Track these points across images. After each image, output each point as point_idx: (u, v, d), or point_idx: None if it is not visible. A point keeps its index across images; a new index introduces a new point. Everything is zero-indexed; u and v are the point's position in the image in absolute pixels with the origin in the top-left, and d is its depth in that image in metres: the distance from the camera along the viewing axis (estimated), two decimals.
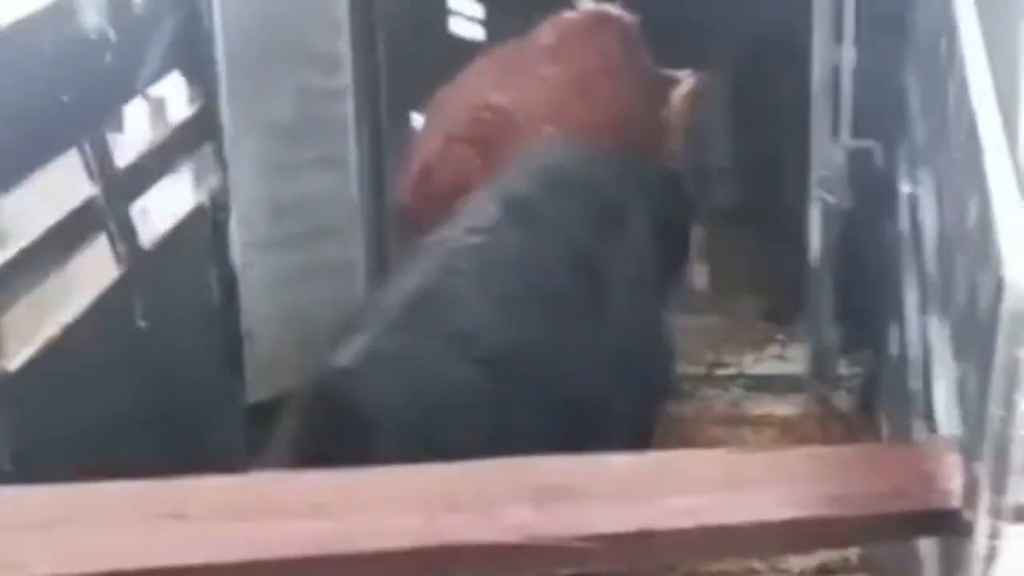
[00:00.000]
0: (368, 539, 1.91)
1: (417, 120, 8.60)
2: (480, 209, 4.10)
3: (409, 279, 3.88)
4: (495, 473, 2.08)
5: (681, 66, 6.04)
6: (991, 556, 1.77)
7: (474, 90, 4.82)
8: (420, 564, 1.94)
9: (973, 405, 1.93)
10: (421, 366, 3.63)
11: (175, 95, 5.00)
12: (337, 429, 3.48)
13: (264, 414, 5.38)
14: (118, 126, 6.37)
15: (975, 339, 1.99)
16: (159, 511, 1.96)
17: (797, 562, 4.40)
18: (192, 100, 4.79)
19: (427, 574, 1.98)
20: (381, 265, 7.35)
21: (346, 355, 3.54)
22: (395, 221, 5.79)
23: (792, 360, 6.29)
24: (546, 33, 5.28)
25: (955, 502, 1.92)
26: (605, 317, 4.17)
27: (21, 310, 3.62)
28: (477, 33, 9.72)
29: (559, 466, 2.12)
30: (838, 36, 5.15)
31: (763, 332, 7.12)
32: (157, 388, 4.29)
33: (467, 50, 9.59)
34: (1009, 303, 1.72)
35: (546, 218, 4.14)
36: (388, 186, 6.98)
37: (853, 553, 4.30)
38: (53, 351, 3.62)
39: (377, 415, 3.50)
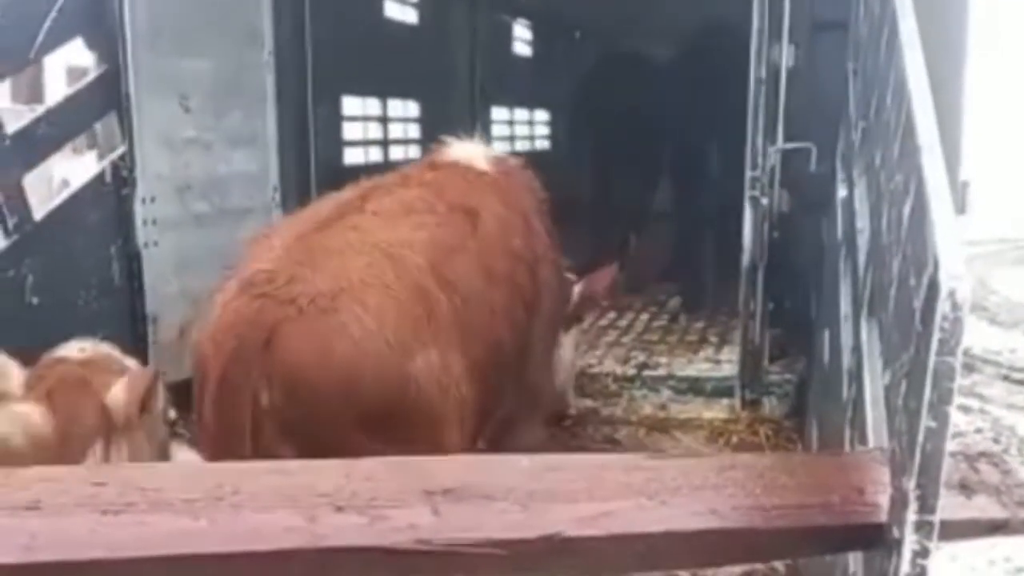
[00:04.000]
0: (241, 540, 1.73)
1: (347, 104, 8.55)
2: None
3: None
4: (388, 472, 1.91)
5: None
6: (918, 575, 1.68)
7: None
8: (299, 568, 1.76)
9: (903, 415, 1.84)
10: None
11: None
12: None
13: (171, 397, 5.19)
14: (37, 96, 6.16)
15: (906, 346, 1.89)
16: (12, 502, 1.77)
17: (722, 569, 4.31)
18: (96, 66, 4.60)
19: None
20: None
21: None
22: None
23: (725, 363, 6.25)
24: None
25: (882, 517, 1.81)
26: None
27: None
28: (411, 17, 9.67)
29: (461, 466, 1.96)
30: (777, 36, 5.08)
31: (697, 334, 7.13)
32: None
33: (401, 33, 9.55)
34: (943, 308, 1.63)
35: None
36: (313, 167, 6.83)
37: (780, 562, 4.23)
38: None
39: None
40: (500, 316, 3.77)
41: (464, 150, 4.31)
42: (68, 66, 5.46)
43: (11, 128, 4.04)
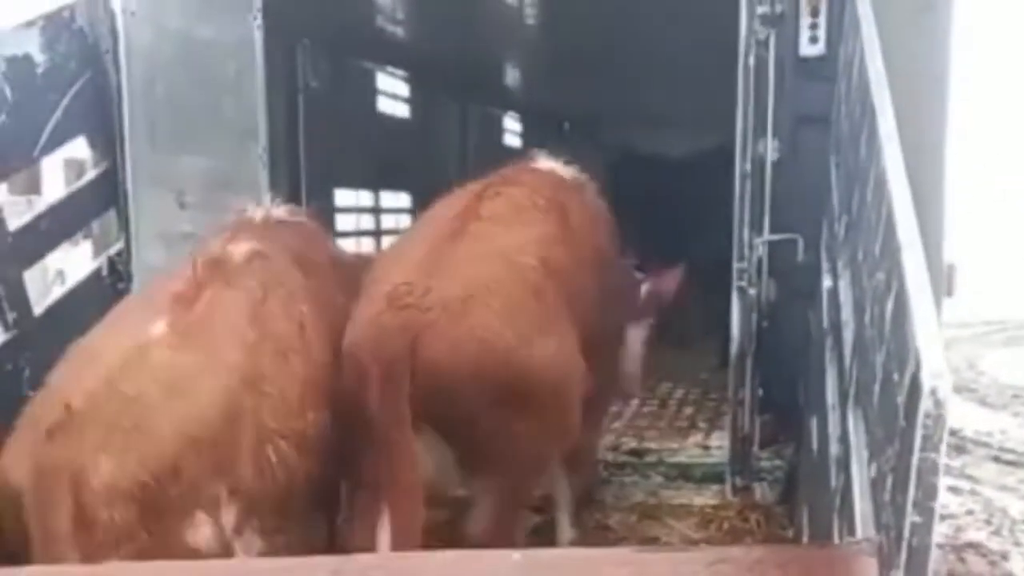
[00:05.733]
0: None
1: (340, 196, 8.67)
2: None
3: None
4: (379, 568, 1.94)
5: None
6: None
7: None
8: None
9: (889, 510, 1.86)
10: None
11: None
12: None
13: None
14: (34, 188, 6.24)
15: (890, 440, 1.92)
16: None
17: None
18: (96, 164, 4.70)
19: None
20: None
21: None
22: None
23: (715, 449, 6.24)
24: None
25: None
26: None
27: None
28: (402, 111, 9.85)
29: (451, 561, 1.98)
30: (762, 130, 5.19)
31: (686, 420, 7.13)
32: None
33: (393, 126, 9.71)
34: (926, 405, 1.66)
35: None
36: None
37: None
38: None
39: None
40: (588, 298, 4.42)
41: (549, 162, 5.03)
42: (65, 158, 5.55)
43: (13, 225, 4.13)
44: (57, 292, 4.67)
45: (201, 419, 3.33)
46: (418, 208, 9.65)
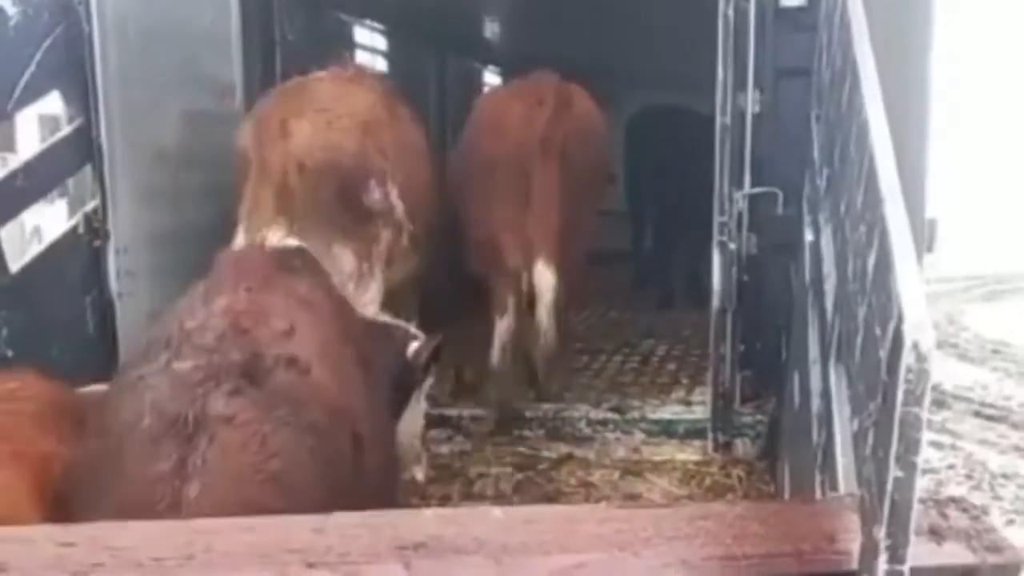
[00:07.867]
0: None
1: None
2: None
3: None
4: (360, 526, 1.92)
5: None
6: None
7: None
8: None
9: (871, 464, 1.85)
10: None
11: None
12: None
13: None
14: (8, 145, 6.16)
15: (873, 395, 1.91)
16: None
17: None
18: (70, 120, 4.62)
19: None
20: None
21: None
22: None
23: (696, 405, 6.25)
24: None
25: (853, 565, 1.83)
26: None
27: None
28: (380, 64, 9.74)
29: (433, 519, 1.96)
30: (742, 82, 5.14)
31: (668, 376, 7.13)
32: None
33: None
34: (908, 359, 1.64)
35: None
36: None
37: None
38: None
39: None
40: None
41: None
42: (40, 114, 5.46)
43: None
44: (34, 250, 4.61)
45: (367, 108, 4.97)
46: None
